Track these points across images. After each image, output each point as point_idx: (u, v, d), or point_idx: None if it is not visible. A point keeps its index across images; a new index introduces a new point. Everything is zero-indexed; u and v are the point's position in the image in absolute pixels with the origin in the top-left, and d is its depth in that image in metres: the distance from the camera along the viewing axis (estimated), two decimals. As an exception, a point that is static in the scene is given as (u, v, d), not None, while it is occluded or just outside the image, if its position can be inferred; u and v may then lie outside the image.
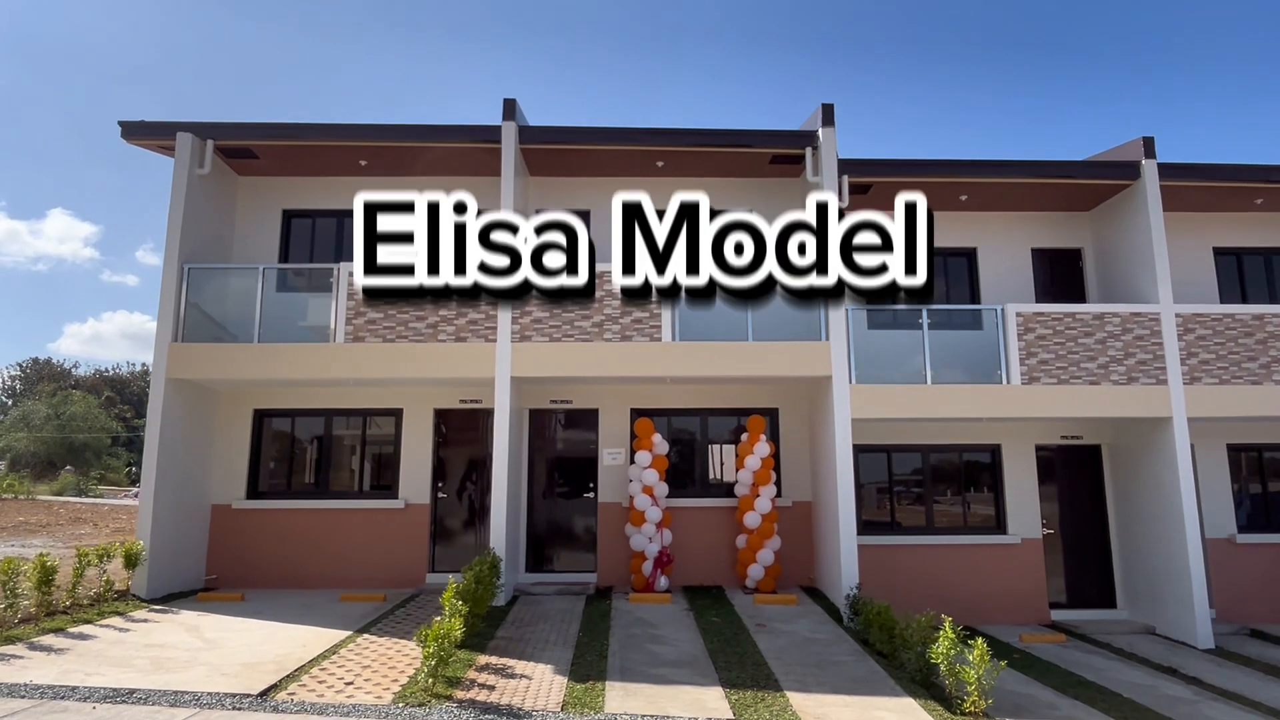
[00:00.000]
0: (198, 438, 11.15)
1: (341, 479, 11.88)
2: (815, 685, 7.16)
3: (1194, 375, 10.93)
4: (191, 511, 10.98)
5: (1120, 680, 8.67)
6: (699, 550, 11.50)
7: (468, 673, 7.04)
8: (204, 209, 11.27)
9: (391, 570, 11.21)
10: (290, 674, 6.85)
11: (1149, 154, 11.37)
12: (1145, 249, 11.37)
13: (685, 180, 12.47)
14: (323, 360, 10.50)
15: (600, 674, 7.26)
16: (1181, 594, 10.60)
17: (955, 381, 10.86)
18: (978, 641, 6.50)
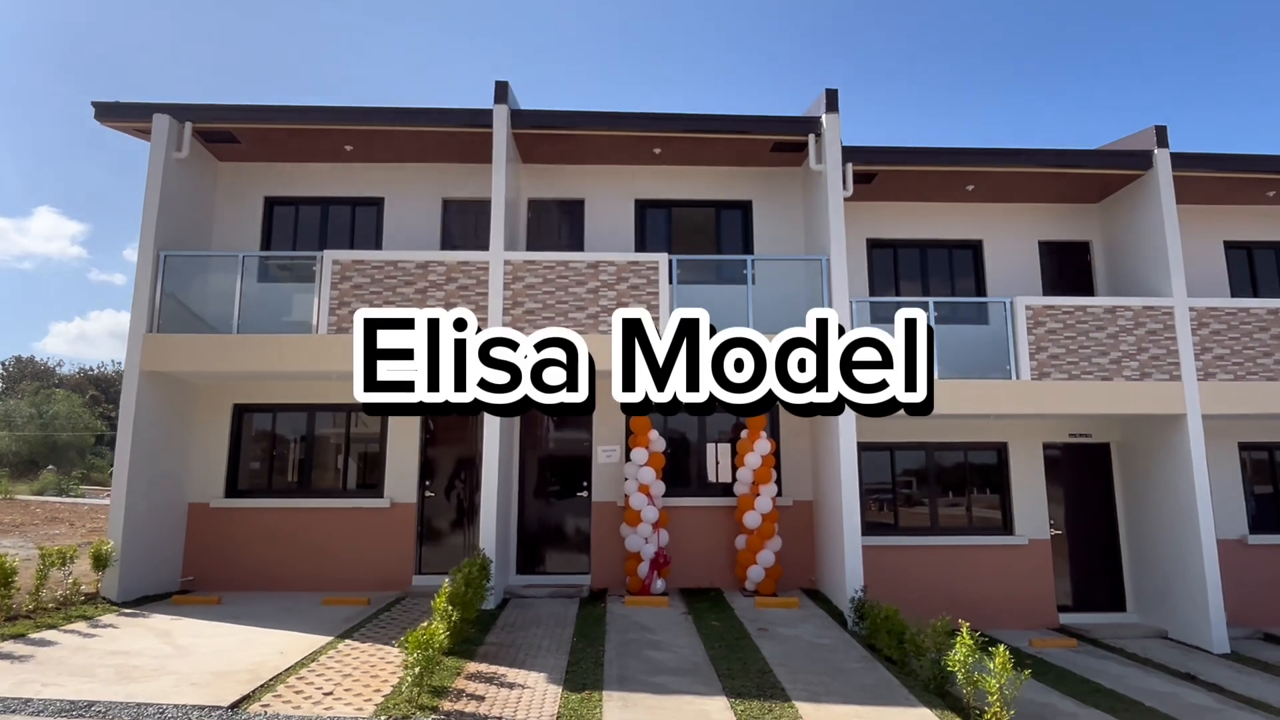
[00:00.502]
0: (174, 433, 10.67)
1: (325, 477, 11.41)
2: (824, 694, 6.76)
3: (1208, 371, 10.60)
4: (167, 510, 10.49)
5: (1139, 688, 8.31)
6: (697, 551, 11.08)
7: (455, 681, 6.60)
8: (182, 194, 10.80)
9: (376, 572, 10.75)
10: (265, 683, 6.40)
11: (1161, 143, 11.03)
12: (1157, 241, 11.03)
13: (683, 170, 12.11)
14: (304, 352, 10.03)
15: (597, 683, 6.84)
16: (1195, 597, 10.25)
17: (962, 377, 10.50)
18: (999, 650, 6.11)
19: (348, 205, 12.00)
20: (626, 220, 12.05)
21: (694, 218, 12.31)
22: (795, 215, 12.11)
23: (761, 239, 12.05)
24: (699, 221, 12.31)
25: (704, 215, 12.33)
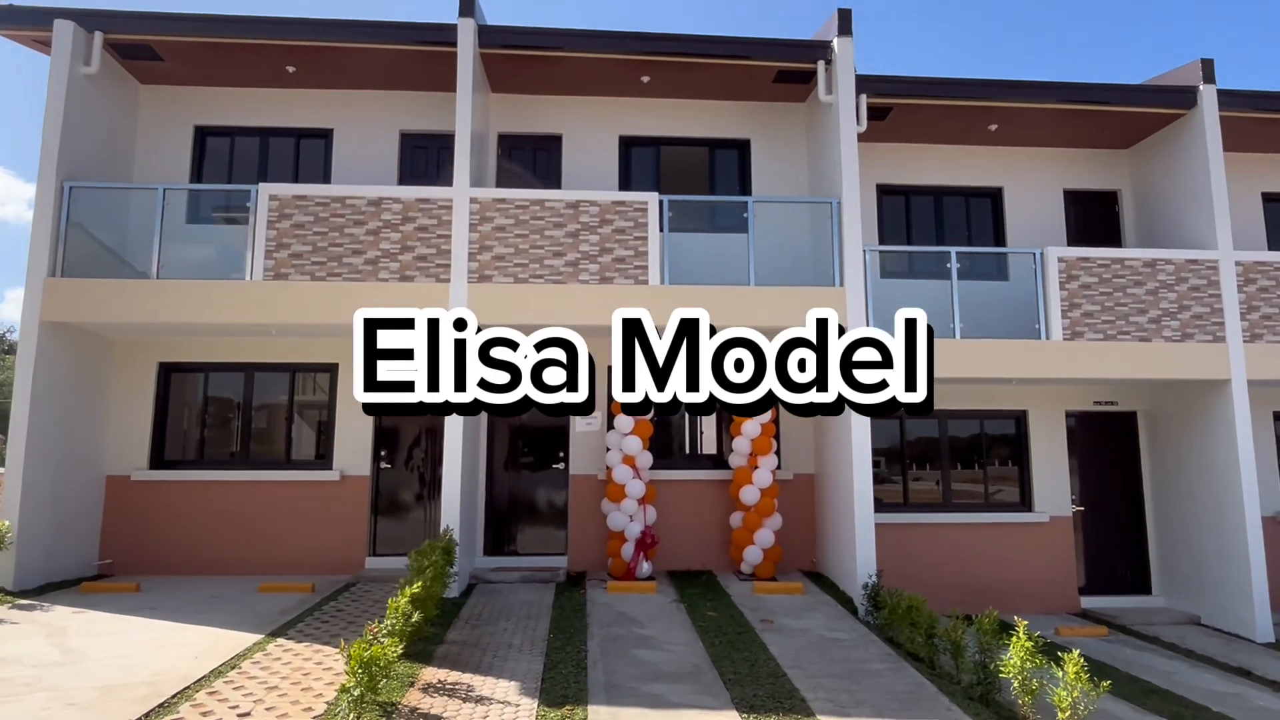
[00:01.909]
0: (87, 395, 9.23)
1: (266, 446, 10.03)
2: (853, 707, 5.65)
3: (1254, 332, 9.57)
4: (79, 484, 9.09)
5: (1195, 686, 7.32)
6: (687, 530, 9.92)
7: (407, 695, 5.38)
8: (93, 118, 9.25)
9: (324, 554, 9.45)
10: (166, 702, 5.12)
11: (1208, 78, 9.88)
12: (1200, 190, 9.94)
13: (674, 103, 10.78)
14: (238, 302, 8.64)
15: (580, 693, 5.67)
16: (1236, 581, 9.30)
17: (979, 338, 9.39)
18: (1072, 654, 5.02)
19: (291, 137, 10.51)
20: (609, 160, 10.71)
21: (685, 159, 10.99)
22: (798, 157, 10.84)
23: (761, 183, 10.79)
24: (691, 163, 11.00)
25: (697, 156, 11.01)
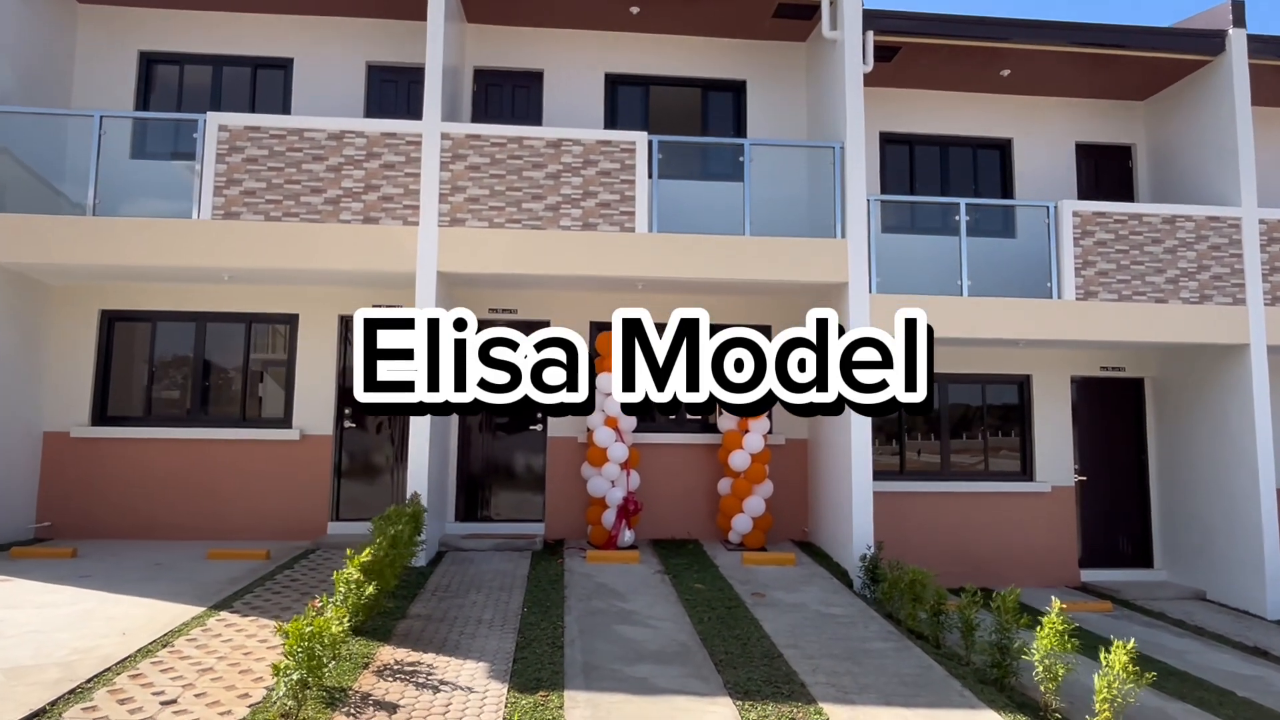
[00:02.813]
0: (21, 344, 8.43)
1: (219, 402, 9.28)
2: (857, 692, 5.12)
3: (1276, 295, 9.06)
4: (13, 441, 8.32)
5: (1213, 668, 6.88)
6: (672, 497, 9.35)
7: (360, 679, 4.77)
8: (20, 39, 8.35)
9: (282, 518, 8.78)
10: (79, 687, 4.47)
11: (1238, 21, 9.23)
12: (1223, 143, 9.34)
13: (664, 39, 9.99)
14: (185, 242, 7.86)
15: (555, 677, 5.08)
16: (1247, 555, 8.88)
17: (988, 294, 8.82)
18: (1119, 644, 4.48)
19: (247, 66, 9.62)
20: (594, 99, 9.93)
21: (676, 100, 10.23)
22: (797, 102, 10.11)
23: (757, 129, 10.05)
24: (682, 104, 10.24)
25: (688, 97, 10.25)
